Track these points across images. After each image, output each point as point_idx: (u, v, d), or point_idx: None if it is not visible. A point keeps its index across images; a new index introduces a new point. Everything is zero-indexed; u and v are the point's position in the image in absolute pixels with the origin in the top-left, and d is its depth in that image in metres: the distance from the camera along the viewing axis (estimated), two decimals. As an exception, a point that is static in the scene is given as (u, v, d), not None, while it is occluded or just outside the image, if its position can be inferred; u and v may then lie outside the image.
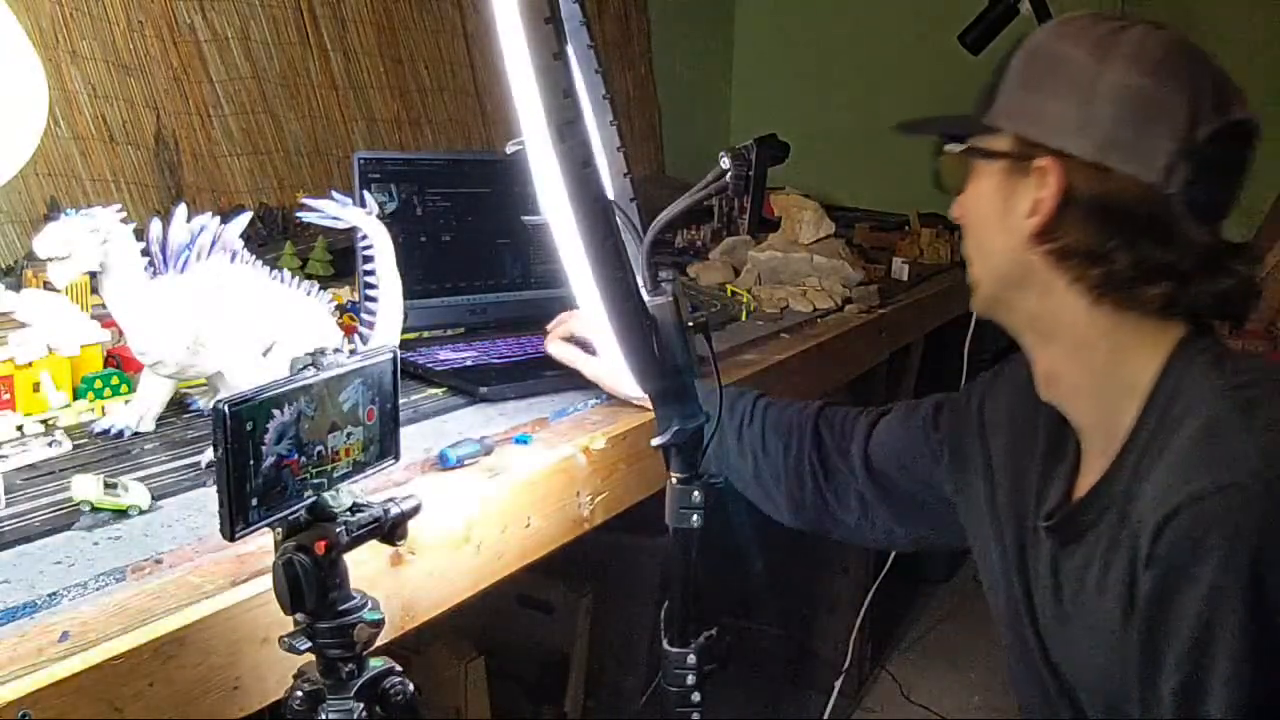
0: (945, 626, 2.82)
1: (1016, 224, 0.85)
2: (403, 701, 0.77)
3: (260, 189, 2.04)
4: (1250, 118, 0.82)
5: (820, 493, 1.17)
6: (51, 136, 1.67)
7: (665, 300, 0.94)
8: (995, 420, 1.04)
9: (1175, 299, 0.82)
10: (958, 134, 0.92)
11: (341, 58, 2.23)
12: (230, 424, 0.63)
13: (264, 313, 1.09)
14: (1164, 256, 0.81)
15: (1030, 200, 0.84)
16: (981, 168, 0.90)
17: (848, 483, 1.16)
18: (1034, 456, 0.97)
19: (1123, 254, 0.81)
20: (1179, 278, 0.81)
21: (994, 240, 0.89)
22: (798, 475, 1.18)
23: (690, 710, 0.98)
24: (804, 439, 1.18)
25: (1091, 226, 0.82)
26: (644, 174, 3.10)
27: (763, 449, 1.20)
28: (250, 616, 0.79)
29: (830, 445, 1.18)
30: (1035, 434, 0.98)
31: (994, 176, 0.88)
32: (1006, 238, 0.87)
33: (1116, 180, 0.81)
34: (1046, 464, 0.96)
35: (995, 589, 1.02)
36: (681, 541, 0.98)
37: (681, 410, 0.96)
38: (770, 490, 1.21)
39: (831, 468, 1.17)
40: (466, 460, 1.06)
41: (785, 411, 1.22)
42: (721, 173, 0.91)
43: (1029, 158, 0.84)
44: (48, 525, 0.86)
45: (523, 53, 0.83)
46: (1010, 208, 0.86)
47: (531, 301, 1.59)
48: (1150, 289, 0.81)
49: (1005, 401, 1.03)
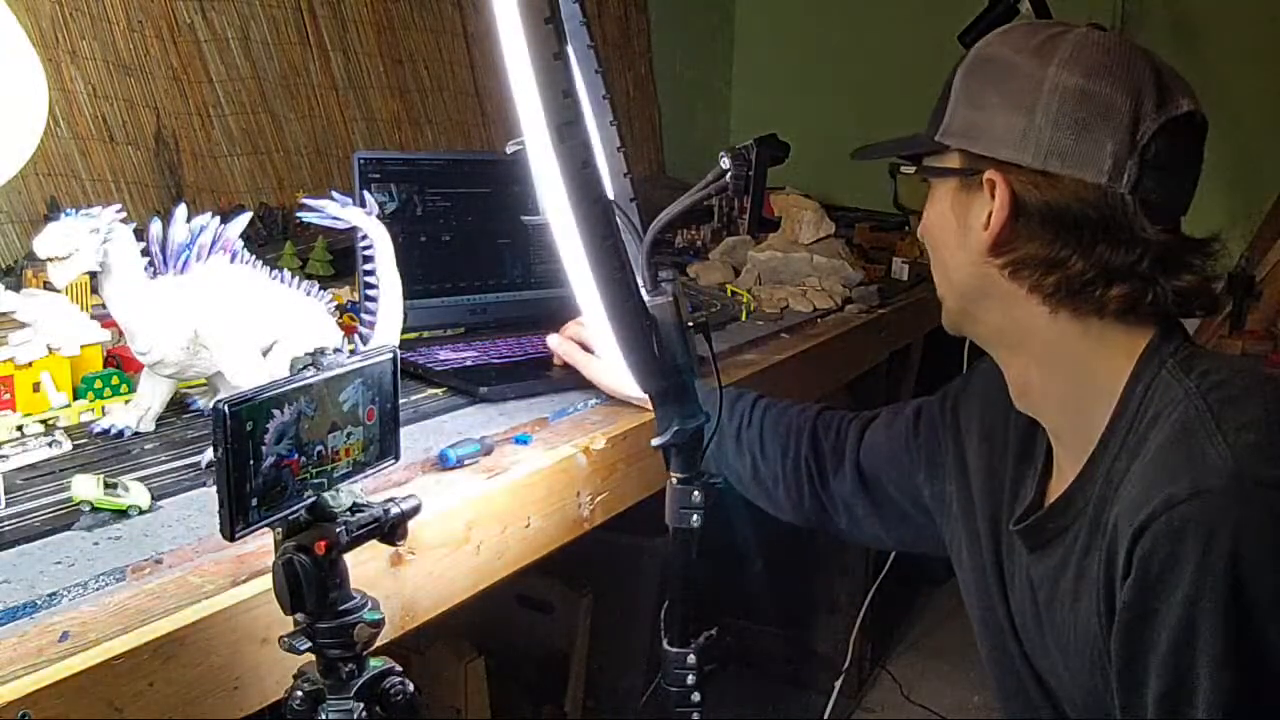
0: (945, 626, 2.82)
1: (973, 239, 0.86)
2: (403, 701, 0.77)
3: (260, 189, 2.04)
4: (1197, 110, 0.81)
5: (816, 496, 1.18)
6: (51, 136, 1.67)
7: (665, 300, 0.94)
8: (969, 425, 1.04)
9: (1137, 300, 0.81)
10: (912, 155, 0.93)
11: (341, 58, 2.23)
12: (230, 424, 0.63)
13: (264, 313, 1.09)
14: (1122, 258, 0.80)
15: (984, 214, 0.84)
16: (937, 186, 0.90)
17: (840, 488, 1.17)
18: (1006, 460, 0.97)
19: (1079, 259, 0.80)
20: (1139, 278, 0.80)
21: (954, 256, 0.89)
22: (795, 478, 1.19)
23: (690, 710, 0.98)
24: (801, 443, 1.19)
25: (1045, 234, 0.81)
26: (644, 174, 3.10)
27: (761, 451, 1.21)
28: (250, 616, 0.79)
29: (826, 450, 1.18)
30: (1007, 437, 0.98)
31: (948, 194, 0.89)
32: (965, 253, 0.87)
33: (1064, 186, 0.80)
34: (1018, 468, 0.96)
35: (970, 595, 1.02)
36: (681, 541, 0.98)
37: (681, 410, 0.96)
38: (770, 490, 1.21)
39: (826, 472, 1.18)
40: (466, 460, 1.06)
41: (784, 414, 1.22)
42: (721, 173, 0.91)
43: (978, 172, 0.84)
44: (48, 525, 0.86)
45: (523, 53, 0.83)
46: (966, 224, 0.86)
47: (531, 301, 1.59)
48: (1110, 291, 0.81)
49: (978, 405, 1.03)
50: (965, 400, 1.06)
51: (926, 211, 0.92)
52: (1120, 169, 0.78)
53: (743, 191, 0.90)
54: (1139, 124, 0.78)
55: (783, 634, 2.51)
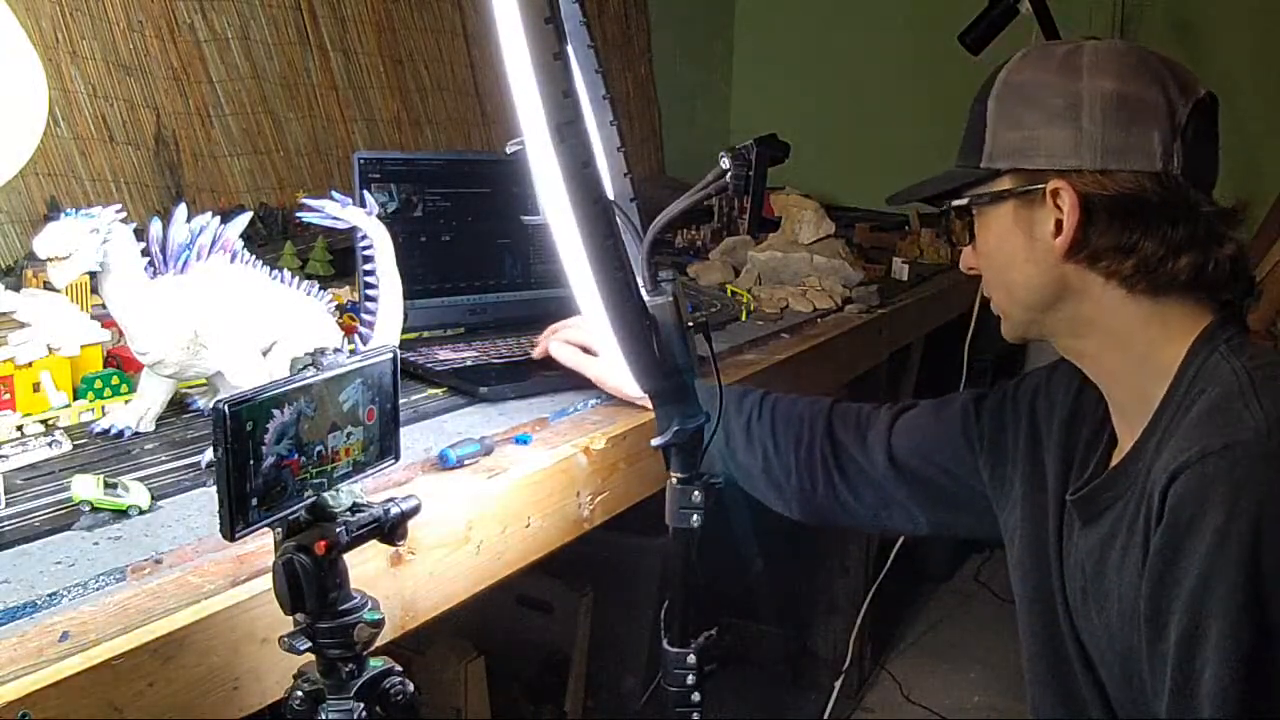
0: (945, 626, 2.82)
1: (1042, 249, 0.90)
2: (403, 701, 0.77)
3: (260, 189, 2.04)
4: (1209, 91, 0.89)
5: (832, 484, 1.20)
6: (51, 136, 1.67)
7: (665, 300, 0.94)
8: (1048, 411, 1.07)
9: (1200, 269, 0.87)
10: (948, 191, 0.97)
11: (341, 58, 2.23)
12: (230, 424, 0.63)
13: (264, 313, 1.09)
14: (1184, 231, 0.87)
15: (1049, 223, 0.89)
16: (987, 213, 0.94)
17: (863, 473, 1.19)
18: (1079, 441, 1.02)
19: (1148, 240, 0.87)
20: (1199, 248, 0.87)
21: (1022, 271, 0.93)
22: (809, 467, 1.20)
23: (690, 710, 0.98)
24: (816, 432, 1.21)
25: (1115, 226, 0.87)
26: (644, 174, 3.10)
27: (773, 443, 1.22)
28: (250, 616, 0.79)
29: (845, 438, 1.20)
30: (1083, 420, 1.02)
31: (1005, 217, 0.93)
32: (1035, 265, 0.92)
33: (1123, 179, 0.86)
34: (1087, 448, 1.00)
35: (1022, 571, 1.05)
36: (681, 541, 0.98)
37: (681, 410, 0.96)
38: (780, 484, 1.22)
39: (846, 459, 1.20)
40: (466, 460, 1.06)
41: (795, 406, 1.24)
42: (721, 173, 0.91)
43: (1039, 185, 0.89)
44: (48, 525, 0.86)
45: (523, 53, 0.83)
46: (1033, 237, 0.91)
47: (531, 301, 1.59)
48: (1179, 262, 0.87)
49: (1062, 393, 1.07)
50: (1046, 392, 1.09)
51: (981, 238, 0.96)
52: (1169, 154, 0.86)
53: (743, 191, 0.90)
54: (1174, 112, 0.87)
55: (783, 634, 2.51)
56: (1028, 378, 1.13)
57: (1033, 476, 1.06)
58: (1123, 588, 0.87)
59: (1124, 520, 0.88)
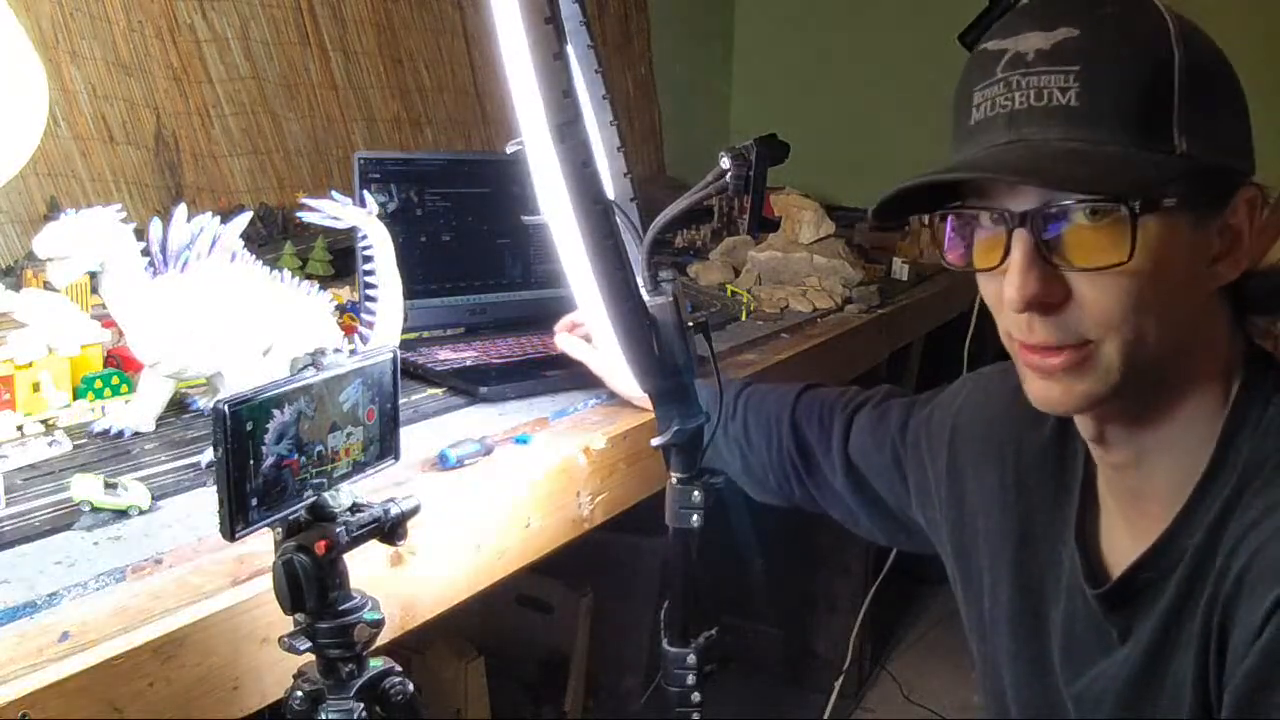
0: (945, 626, 2.81)
1: (1205, 269, 0.70)
2: (403, 701, 0.77)
3: (260, 189, 2.04)
4: None
5: (805, 487, 1.14)
6: (51, 136, 1.67)
7: (665, 300, 0.94)
8: (967, 448, 0.95)
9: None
10: (1108, 188, 0.66)
11: (341, 58, 2.23)
12: (230, 424, 0.63)
13: (264, 313, 1.09)
14: None
15: (1216, 237, 0.70)
16: (1160, 220, 0.67)
17: (829, 480, 1.11)
18: (1035, 494, 0.89)
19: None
20: None
21: (1175, 299, 0.69)
22: (781, 469, 1.14)
23: (690, 710, 0.98)
24: (783, 433, 1.13)
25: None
26: (644, 174, 3.10)
27: (748, 443, 1.17)
28: (250, 616, 0.79)
29: (811, 442, 1.12)
30: (1026, 464, 0.89)
31: (1178, 225, 0.68)
32: (1194, 290, 0.71)
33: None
34: (1056, 505, 0.87)
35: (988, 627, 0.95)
36: (681, 541, 0.98)
37: (681, 410, 0.96)
38: (763, 481, 1.17)
39: (813, 464, 1.12)
40: (466, 460, 1.06)
41: (764, 402, 1.17)
42: (721, 173, 0.91)
43: (1232, 188, 0.70)
44: (48, 525, 0.86)
45: (523, 53, 0.83)
46: (1201, 254, 0.70)
47: (531, 301, 1.59)
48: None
49: (981, 429, 0.95)
50: (962, 425, 0.96)
51: (1141, 259, 0.66)
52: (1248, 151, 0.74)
53: (743, 191, 0.90)
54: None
55: (783, 634, 2.51)
56: (938, 404, 1.01)
57: (965, 530, 0.94)
58: (1170, 676, 0.73)
59: (1158, 603, 0.74)
